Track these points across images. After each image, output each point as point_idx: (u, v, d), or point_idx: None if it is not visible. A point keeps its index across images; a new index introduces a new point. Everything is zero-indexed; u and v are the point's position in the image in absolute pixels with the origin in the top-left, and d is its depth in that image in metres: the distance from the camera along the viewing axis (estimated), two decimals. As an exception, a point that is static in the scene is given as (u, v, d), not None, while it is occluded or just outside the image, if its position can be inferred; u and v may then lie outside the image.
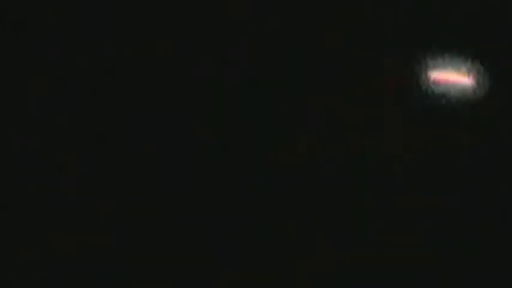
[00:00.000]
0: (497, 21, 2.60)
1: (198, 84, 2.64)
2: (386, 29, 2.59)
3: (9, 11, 2.62)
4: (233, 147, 2.63)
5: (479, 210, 2.59)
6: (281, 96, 2.63)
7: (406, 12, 2.55)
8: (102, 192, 2.60)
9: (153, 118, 2.63)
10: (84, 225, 2.59)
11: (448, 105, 2.59)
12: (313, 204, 2.59)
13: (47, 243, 2.58)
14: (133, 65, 2.64)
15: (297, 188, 2.60)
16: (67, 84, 2.62)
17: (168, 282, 2.58)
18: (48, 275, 2.56)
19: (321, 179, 2.60)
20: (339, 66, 2.62)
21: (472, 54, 2.58)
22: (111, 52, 2.63)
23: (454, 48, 2.59)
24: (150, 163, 2.62)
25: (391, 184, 2.58)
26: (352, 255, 2.56)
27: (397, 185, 2.58)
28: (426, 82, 2.57)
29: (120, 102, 2.63)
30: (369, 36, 2.62)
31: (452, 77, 2.58)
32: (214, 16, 2.65)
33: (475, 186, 2.58)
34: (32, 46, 2.63)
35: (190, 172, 2.62)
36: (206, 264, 2.58)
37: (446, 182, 2.58)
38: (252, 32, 2.64)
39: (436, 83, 2.57)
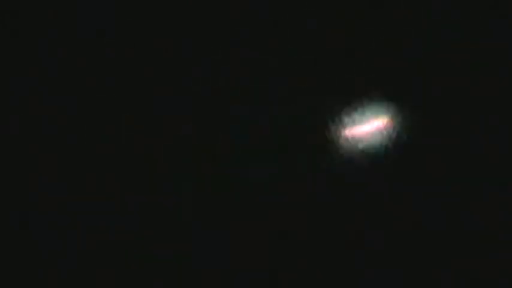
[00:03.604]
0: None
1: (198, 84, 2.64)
2: None
3: (9, 11, 2.63)
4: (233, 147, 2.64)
5: None
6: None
7: None
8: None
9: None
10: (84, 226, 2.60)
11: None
12: None
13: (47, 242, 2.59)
14: (133, 64, 2.65)
15: None
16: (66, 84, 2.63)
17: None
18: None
19: None
20: None
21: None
22: (111, 52, 2.63)
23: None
24: (151, 164, 2.62)
25: None
26: None
27: None
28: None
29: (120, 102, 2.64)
30: None
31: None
32: (214, 16, 2.65)
33: None
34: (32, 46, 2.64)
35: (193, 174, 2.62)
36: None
37: None
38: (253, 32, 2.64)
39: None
